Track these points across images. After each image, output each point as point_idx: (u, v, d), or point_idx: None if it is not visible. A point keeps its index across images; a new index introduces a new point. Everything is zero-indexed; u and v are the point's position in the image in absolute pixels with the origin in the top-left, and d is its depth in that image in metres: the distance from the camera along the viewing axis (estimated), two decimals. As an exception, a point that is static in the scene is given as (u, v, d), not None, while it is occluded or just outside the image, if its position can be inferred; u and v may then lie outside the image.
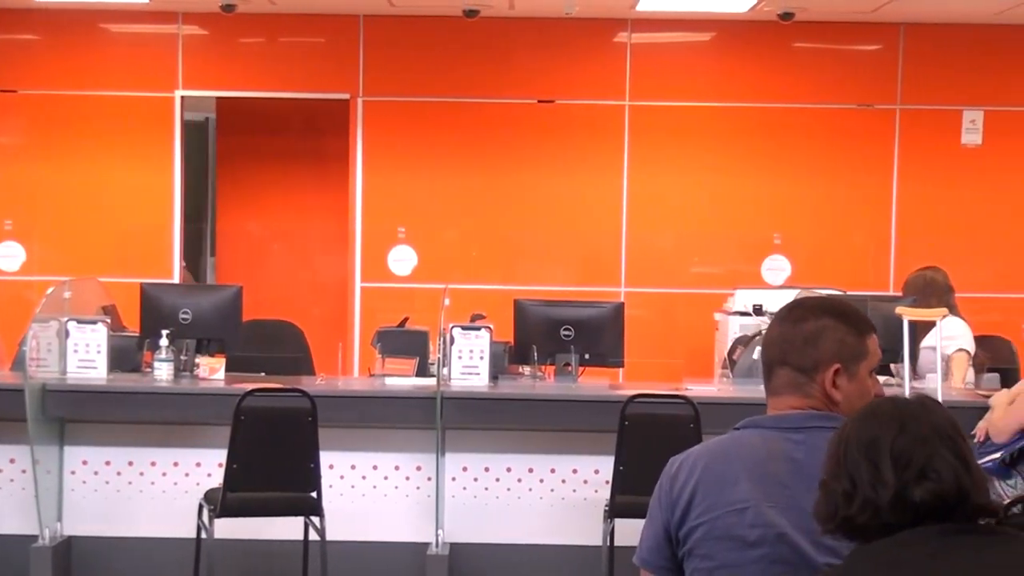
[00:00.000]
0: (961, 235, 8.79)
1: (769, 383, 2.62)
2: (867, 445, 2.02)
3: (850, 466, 2.02)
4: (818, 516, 2.07)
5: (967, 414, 5.71)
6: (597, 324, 6.66)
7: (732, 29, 8.90)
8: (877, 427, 2.04)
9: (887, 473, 1.98)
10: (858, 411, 2.14)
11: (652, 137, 8.96)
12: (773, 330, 2.66)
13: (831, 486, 2.03)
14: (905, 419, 2.03)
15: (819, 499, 2.07)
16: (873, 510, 1.98)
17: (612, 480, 5.58)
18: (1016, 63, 8.80)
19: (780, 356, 2.61)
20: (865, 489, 1.99)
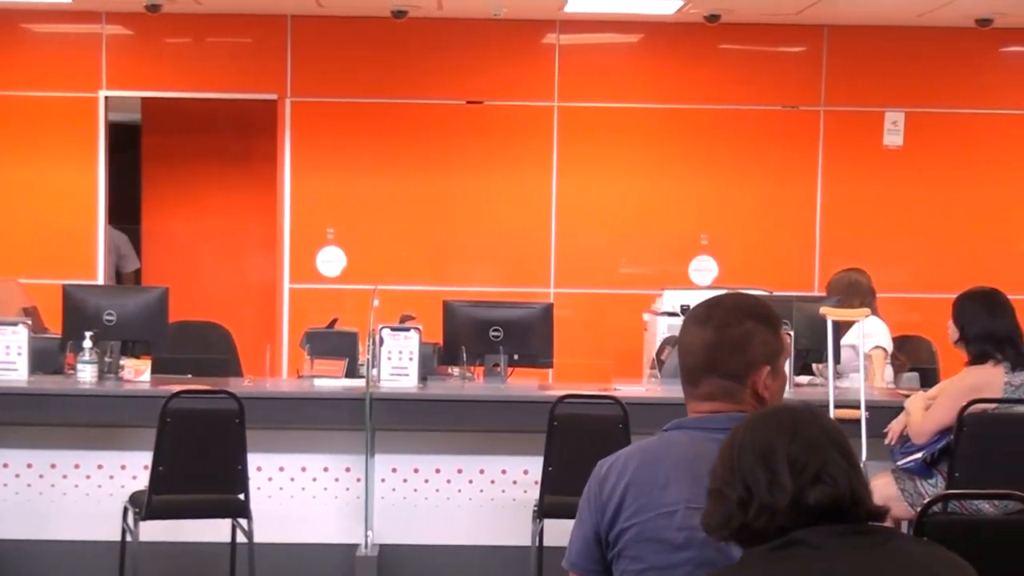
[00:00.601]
0: (883, 236, 8.90)
1: (695, 389, 2.60)
2: (763, 452, 2.03)
3: (745, 473, 2.03)
4: (710, 524, 2.07)
5: (889, 413, 5.80)
6: (526, 325, 6.68)
7: (659, 31, 8.96)
8: (771, 434, 2.05)
9: (784, 478, 2.01)
10: (747, 420, 2.14)
11: (581, 138, 9.00)
12: (693, 337, 2.62)
13: (725, 493, 2.04)
14: (797, 425, 2.06)
15: (710, 507, 2.07)
16: (770, 515, 2.00)
17: (541, 480, 5.59)
18: (936, 65, 8.92)
19: (708, 364, 2.59)
20: (762, 495, 2.01)
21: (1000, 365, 5.50)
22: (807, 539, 1.98)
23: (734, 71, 9.01)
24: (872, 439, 5.75)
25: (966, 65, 8.91)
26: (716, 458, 2.12)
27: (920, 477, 5.59)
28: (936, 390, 5.72)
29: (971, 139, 8.94)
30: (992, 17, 8.34)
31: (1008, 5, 8.09)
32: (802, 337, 6.53)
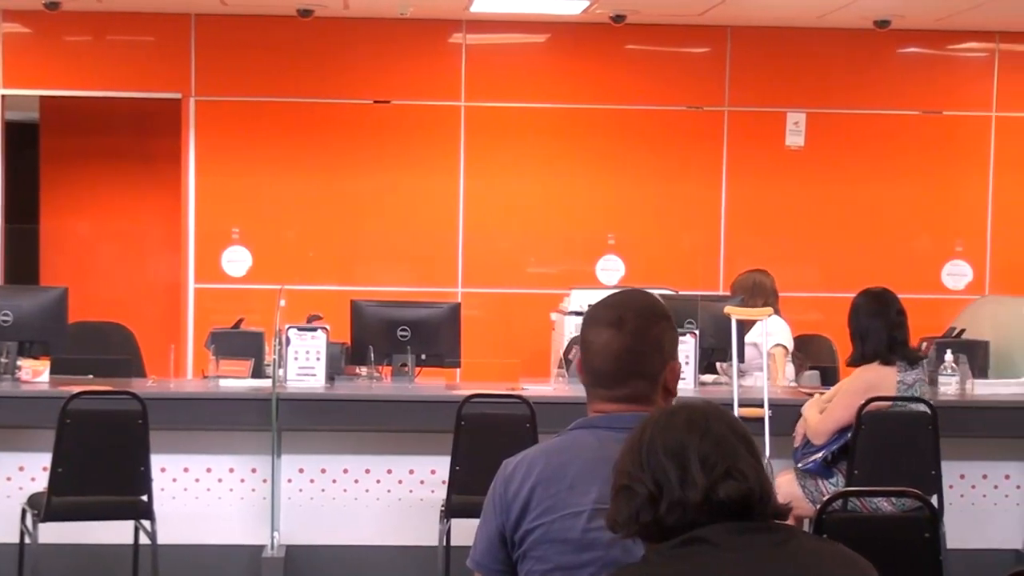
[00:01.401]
0: (786, 235, 9.01)
1: (611, 391, 2.58)
2: (673, 449, 2.04)
3: (655, 469, 2.04)
4: (617, 520, 2.07)
5: (791, 411, 5.88)
6: (434, 324, 6.68)
7: (566, 31, 8.99)
8: (681, 432, 2.06)
9: (696, 474, 2.02)
10: (654, 417, 2.15)
11: (488, 138, 9.00)
12: (610, 341, 2.59)
13: (634, 489, 2.05)
14: (708, 423, 2.07)
15: (617, 504, 2.07)
16: (682, 510, 2.01)
17: (449, 480, 5.59)
18: (837, 66, 9.04)
19: (630, 368, 2.57)
20: (673, 491, 2.02)
21: (893, 364, 5.60)
22: (709, 537, 1.99)
23: (640, 71, 9.06)
24: (775, 437, 5.83)
25: (865, 66, 9.05)
26: (618, 456, 2.12)
27: (822, 477, 5.67)
28: (832, 391, 5.81)
29: (871, 139, 9.07)
30: (890, 19, 8.47)
31: (905, 7, 8.23)
32: (707, 336, 6.59)
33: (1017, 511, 6.45)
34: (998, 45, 9.05)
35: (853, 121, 9.07)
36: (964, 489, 6.40)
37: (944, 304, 8.45)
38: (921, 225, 9.09)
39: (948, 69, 9.14)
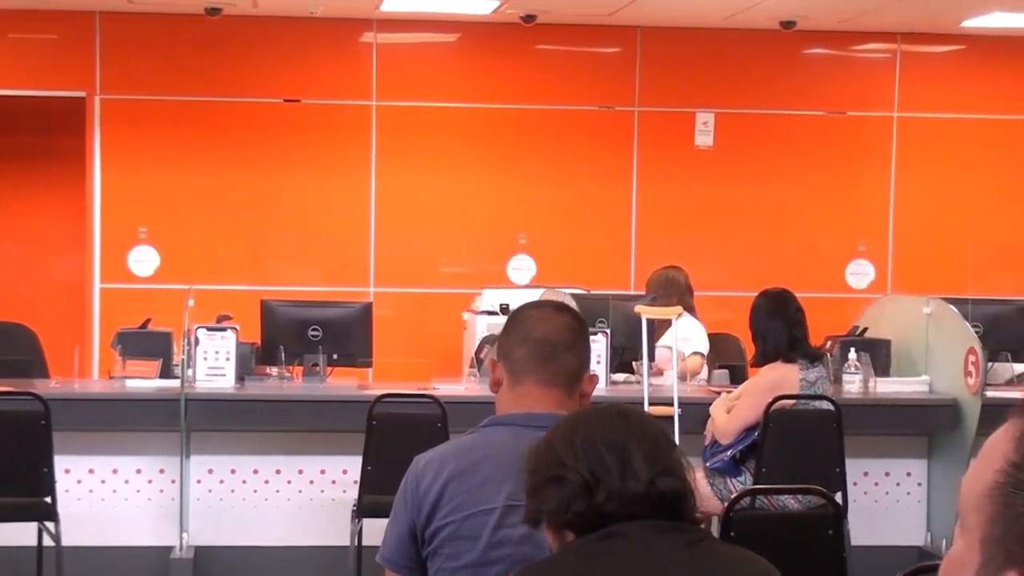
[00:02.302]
0: (696, 235, 9.08)
1: (543, 369, 2.61)
2: (615, 443, 2.09)
3: (592, 460, 2.07)
4: (542, 511, 2.09)
5: (700, 410, 5.95)
6: (345, 324, 6.66)
7: (476, 30, 9.00)
8: (620, 428, 2.11)
9: (640, 467, 2.07)
10: (584, 413, 2.19)
11: (400, 137, 8.98)
12: (554, 318, 2.66)
13: (567, 479, 2.08)
14: (644, 425, 2.13)
15: (542, 495, 2.09)
16: (620, 500, 2.05)
17: (360, 480, 5.58)
18: (744, 67, 9.14)
19: (570, 347, 2.63)
20: (613, 481, 2.06)
21: (795, 362, 5.69)
22: (626, 532, 2.02)
23: (551, 71, 9.10)
24: (685, 436, 5.88)
25: (772, 67, 9.16)
26: (540, 447, 2.14)
27: (729, 475, 5.74)
28: (738, 391, 5.89)
29: (777, 139, 9.18)
30: (795, 20, 8.58)
31: (809, 9, 8.34)
32: (618, 335, 6.64)
33: (919, 508, 6.56)
34: (900, 46, 9.21)
35: (760, 121, 9.17)
36: (868, 486, 6.50)
37: (848, 303, 8.58)
38: (825, 224, 9.21)
39: (852, 70, 9.28)
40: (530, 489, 2.12)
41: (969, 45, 9.20)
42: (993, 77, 9.23)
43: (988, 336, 6.52)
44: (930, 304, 6.61)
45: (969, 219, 9.17)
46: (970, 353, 6.20)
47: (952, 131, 9.22)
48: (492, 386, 2.70)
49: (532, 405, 2.60)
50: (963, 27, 8.76)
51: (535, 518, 2.11)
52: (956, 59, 9.27)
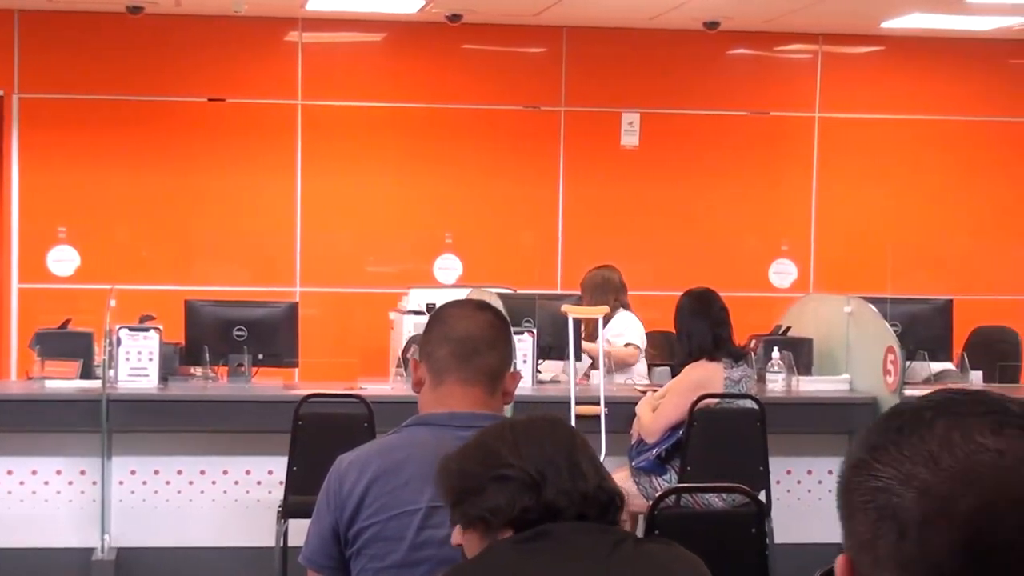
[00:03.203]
0: (624, 234, 9.12)
1: (466, 366, 2.61)
2: (561, 446, 2.14)
3: (539, 460, 2.11)
4: (490, 509, 2.11)
5: (627, 409, 5.98)
6: (271, 324, 6.63)
7: (402, 30, 8.99)
8: (563, 435, 2.16)
9: (588, 469, 2.13)
10: (520, 419, 2.22)
11: (326, 136, 8.95)
12: (475, 315, 2.67)
13: (511, 477, 2.10)
14: (579, 435, 2.20)
15: (487, 495, 2.12)
16: (568, 499, 2.09)
17: (286, 480, 5.56)
18: (669, 67, 9.19)
19: (493, 343, 2.63)
20: (563, 480, 2.10)
21: (719, 361, 5.74)
22: (555, 532, 2.05)
23: (477, 71, 9.10)
24: (611, 435, 5.92)
25: (696, 67, 9.23)
26: (472, 450, 2.16)
27: (655, 473, 5.78)
28: (664, 390, 5.93)
29: (702, 139, 9.25)
30: (719, 20, 8.65)
31: (733, 9, 8.41)
32: (545, 334, 6.65)
33: (841, 505, 6.63)
34: (821, 47, 9.31)
35: (685, 121, 9.23)
36: (791, 484, 6.57)
37: (771, 302, 8.65)
38: (749, 224, 9.29)
39: (774, 71, 9.37)
40: (466, 490, 2.13)
41: (888, 46, 9.32)
42: (912, 78, 9.36)
43: (906, 335, 6.61)
44: (850, 303, 6.69)
45: (888, 219, 9.29)
46: (889, 352, 6.28)
47: (872, 131, 9.34)
48: (414, 386, 2.70)
49: (454, 404, 2.60)
50: (882, 28, 8.88)
51: (491, 514, 2.12)
52: (876, 60, 9.39)
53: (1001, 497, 1.08)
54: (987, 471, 1.09)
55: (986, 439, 1.10)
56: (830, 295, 7.34)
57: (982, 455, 1.09)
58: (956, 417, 1.12)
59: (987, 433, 1.10)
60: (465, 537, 2.14)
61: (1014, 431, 1.11)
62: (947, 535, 1.08)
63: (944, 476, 1.10)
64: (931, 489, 1.09)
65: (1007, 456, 1.09)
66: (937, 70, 9.35)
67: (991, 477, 1.09)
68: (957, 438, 1.10)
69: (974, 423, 1.11)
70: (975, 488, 1.08)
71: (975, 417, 1.12)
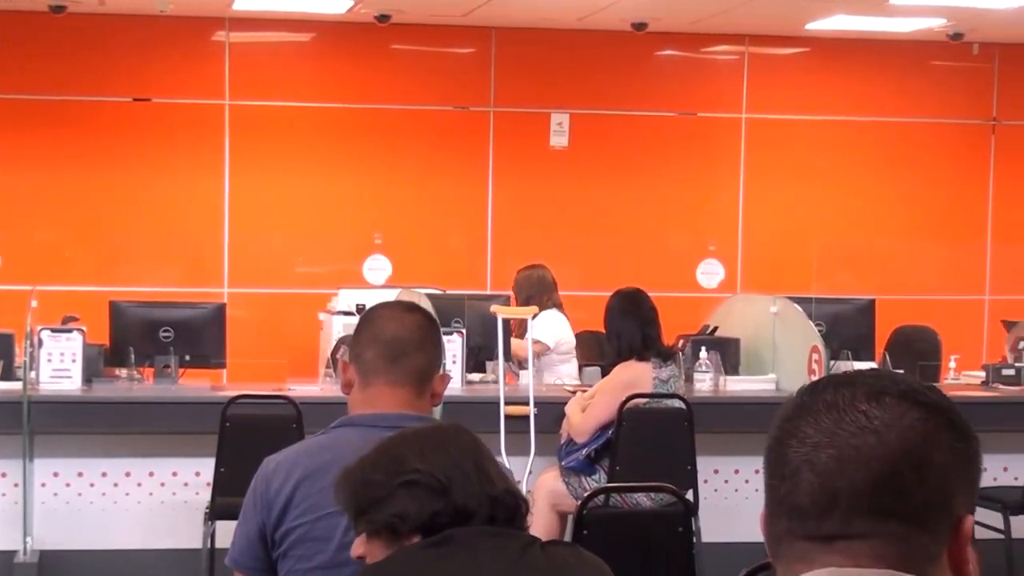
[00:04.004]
0: (554, 234, 9.14)
1: (394, 366, 2.61)
2: (467, 452, 2.15)
3: (446, 466, 2.12)
4: (398, 515, 2.11)
5: (556, 409, 5.99)
6: (198, 325, 6.59)
7: (331, 30, 8.95)
8: (467, 442, 2.18)
9: (495, 474, 2.15)
10: (422, 429, 2.23)
11: (254, 136, 8.90)
12: (403, 317, 2.67)
13: (419, 482, 2.11)
14: (482, 444, 2.22)
15: (395, 501, 2.12)
16: (477, 503, 2.10)
17: (213, 482, 5.53)
18: (598, 68, 9.23)
19: (421, 341, 2.64)
20: (471, 484, 2.11)
21: (648, 360, 5.77)
22: (463, 537, 2.07)
23: (406, 71, 9.09)
24: (540, 435, 5.93)
25: (625, 68, 9.27)
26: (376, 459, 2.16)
27: (584, 473, 5.80)
28: (593, 390, 5.95)
29: (631, 140, 9.29)
30: (647, 21, 8.69)
31: (660, 10, 8.46)
32: (474, 335, 6.66)
33: (767, 504, 6.68)
34: (747, 48, 9.39)
35: (614, 122, 9.27)
36: (718, 483, 6.61)
37: (699, 302, 8.70)
38: (677, 224, 9.35)
39: (701, 72, 9.43)
40: (372, 499, 2.13)
41: (813, 47, 9.41)
42: (836, 79, 9.46)
43: (830, 335, 6.68)
44: (776, 303, 6.75)
45: (813, 219, 9.38)
46: (813, 351, 6.34)
47: (798, 132, 9.43)
48: (343, 387, 2.70)
49: (382, 405, 2.61)
50: (807, 30, 8.96)
51: (400, 520, 2.12)
52: (801, 61, 9.48)
53: (855, 451, 1.26)
54: (851, 429, 1.27)
55: (862, 403, 1.28)
56: (757, 295, 7.40)
57: (853, 415, 1.28)
58: (845, 385, 1.30)
59: (864, 399, 1.28)
60: (370, 546, 2.14)
61: (892, 399, 1.28)
62: (808, 479, 1.26)
63: (820, 431, 1.28)
64: (808, 441, 1.29)
65: (874, 419, 1.27)
66: (861, 71, 9.46)
67: (851, 434, 1.26)
68: (841, 402, 1.29)
69: (858, 391, 1.29)
70: (837, 441, 1.26)
71: (860, 386, 1.29)
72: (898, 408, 1.27)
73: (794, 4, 8.33)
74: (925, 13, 8.40)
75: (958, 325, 8.70)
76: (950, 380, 7.21)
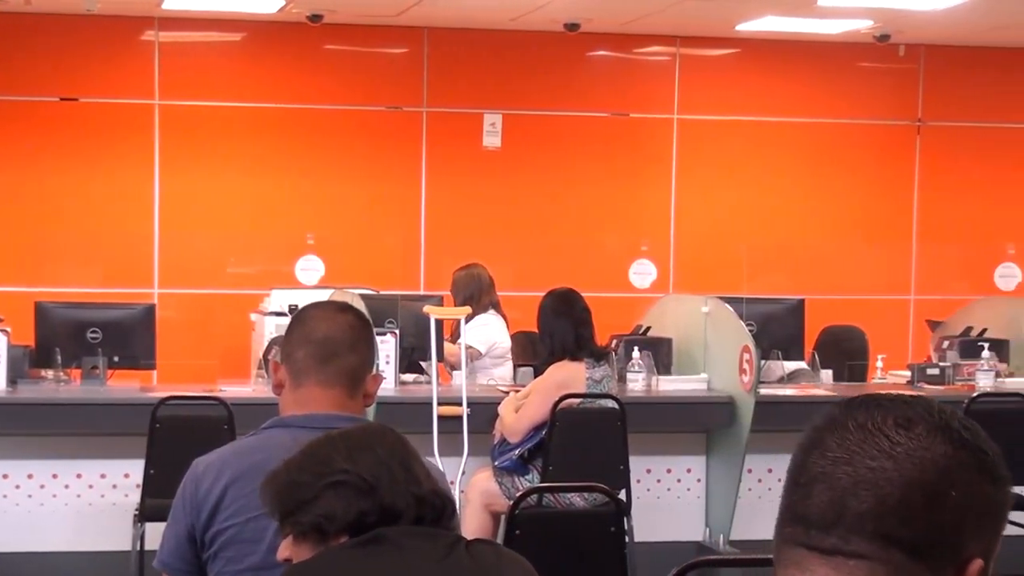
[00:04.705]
0: (486, 235, 9.15)
1: (325, 368, 2.60)
2: (392, 452, 2.16)
3: (372, 465, 2.13)
4: (326, 515, 2.12)
5: (489, 409, 6.00)
6: (127, 326, 6.54)
7: (262, 29, 8.90)
8: (393, 442, 2.19)
9: (422, 475, 2.15)
10: (349, 430, 2.23)
11: (185, 136, 8.83)
12: (336, 317, 2.66)
13: (347, 483, 2.11)
14: (409, 444, 2.23)
15: (322, 502, 2.11)
16: (405, 503, 2.10)
17: (143, 484, 5.49)
18: (531, 68, 9.24)
19: (354, 343, 2.63)
20: (398, 483, 2.11)
21: (581, 360, 5.79)
22: (390, 536, 2.07)
23: (338, 71, 9.06)
24: (473, 435, 5.94)
25: (558, 69, 9.28)
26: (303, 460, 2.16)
27: (517, 473, 5.81)
28: (527, 390, 5.96)
29: (564, 141, 9.31)
30: (579, 22, 8.71)
31: (593, 11, 8.49)
32: (408, 335, 6.65)
33: (698, 504, 6.73)
34: (679, 49, 9.44)
35: (547, 122, 9.29)
36: (650, 483, 6.64)
37: (632, 302, 8.73)
38: (610, 225, 9.38)
39: (634, 72, 9.47)
40: (299, 500, 2.12)
41: (744, 48, 9.47)
42: (766, 80, 9.53)
43: (761, 335, 6.74)
44: (708, 303, 6.79)
45: (744, 219, 9.45)
46: (744, 351, 6.39)
47: (729, 133, 9.50)
48: (274, 388, 2.70)
49: (313, 406, 2.60)
50: (737, 31, 9.03)
51: (327, 520, 2.11)
52: (731, 62, 9.55)
53: (869, 474, 1.28)
54: (871, 452, 1.28)
55: (890, 428, 1.29)
56: (689, 295, 7.44)
57: (878, 439, 1.28)
58: (880, 408, 1.31)
59: (895, 424, 1.29)
60: (297, 548, 2.14)
61: (925, 427, 1.30)
62: (819, 492, 1.29)
63: (843, 449, 1.29)
64: (829, 457, 1.30)
65: (898, 446, 1.29)
66: (790, 72, 9.54)
67: (871, 457, 1.28)
68: (871, 424, 1.30)
69: (891, 414, 1.30)
70: (856, 461, 1.28)
71: (894, 410, 1.31)
72: (926, 439, 1.27)
73: (724, 5, 8.39)
74: (853, 15, 8.49)
75: (885, 325, 8.79)
76: (877, 379, 7.29)
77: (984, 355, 6.86)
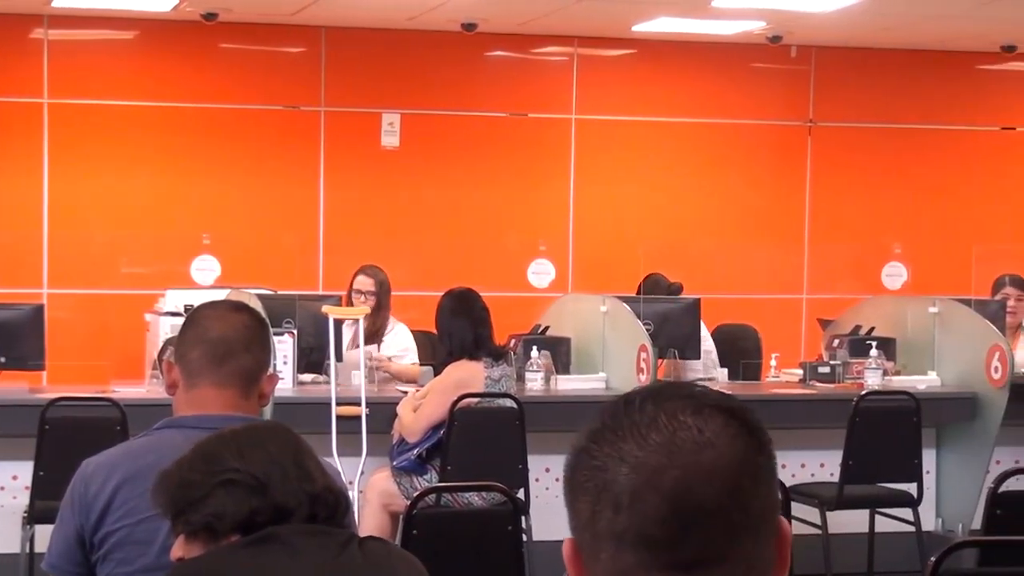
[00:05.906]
0: (384, 235, 9.12)
1: (222, 366, 2.59)
2: (284, 449, 2.16)
3: (265, 463, 2.12)
4: (217, 514, 2.10)
5: (388, 409, 5.99)
6: (14, 326, 6.45)
7: (157, 28, 8.79)
8: (285, 440, 2.18)
9: (316, 472, 2.15)
10: (240, 429, 2.23)
11: (75, 135, 8.70)
12: (230, 317, 2.64)
13: (237, 481, 2.10)
14: (302, 441, 2.22)
15: (212, 501, 2.11)
16: (297, 501, 2.10)
17: (32, 485, 5.41)
18: (429, 68, 9.23)
19: (248, 343, 2.61)
20: (289, 481, 2.11)
21: (480, 360, 5.81)
22: (281, 535, 2.07)
23: (234, 70, 8.98)
24: (372, 435, 5.92)
25: (456, 68, 9.29)
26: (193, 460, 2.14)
27: (416, 473, 5.81)
28: (425, 389, 5.96)
29: (463, 140, 9.31)
30: (476, 22, 8.72)
31: (490, 11, 8.50)
32: (306, 335, 6.61)
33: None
34: (576, 50, 9.48)
35: (446, 122, 9.29)
36: (549, 482, 6.66)
37: (530, 302, 8.75)
38: (509, 224, 9.40)
39: (532, 72, 9.50)
40: (190, 499, 2.11)
41: (640, 49, 9.54)
42: (662, 81, 9.61)
43: (658, 334, 6.79)
44: (606, 303, 6.84)
45: (641, 219, 9.52)
46: (642, 350, 6.44)
47: (626, 133, 9.56)
48: (168, 389, 2.67)
49: (207, 407, 2.58)
50: (634, 32, 9.09)
51: (217, 520, 2.10)
52: (628, 63, 9.61)
53: (700, 468, 1.20)
54: (688, 445, 1.21)
55: (687, 418, 1.23)
56: (587, 295, 7.48)
57: (684, 432, 1.22)
58: (661, 400, 1.25)
59: (688, 413, 1.23)
60: (188, 548, 2.13)
61: (711, 411, 1.24)
62: (655, 505, 1.20)
63: (651, 451, 1.21)
64: (641, 464, 1.21)
65: (705, 432, 1.22)
66: (685, 73, 9.63)
67: (691, 451, 1.21)
68: (663, 418, 1.23)
69: (677, 405, 1.24)
70: (678, 460, 1.21)
71: (677, 400, 1.25)
72: (718, 418, 1.24)
73: (620, 6, 8.45)
74: (745, 16, 8.59)
75: (777, 323, 8.90)
76: (771, 378, 7.39)
77: (872, 353, 6.97)
